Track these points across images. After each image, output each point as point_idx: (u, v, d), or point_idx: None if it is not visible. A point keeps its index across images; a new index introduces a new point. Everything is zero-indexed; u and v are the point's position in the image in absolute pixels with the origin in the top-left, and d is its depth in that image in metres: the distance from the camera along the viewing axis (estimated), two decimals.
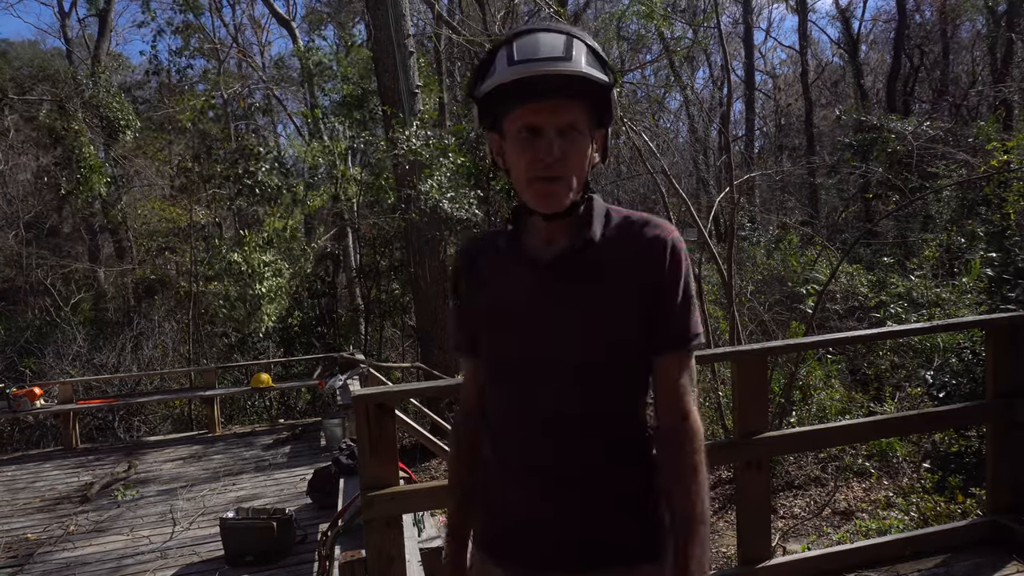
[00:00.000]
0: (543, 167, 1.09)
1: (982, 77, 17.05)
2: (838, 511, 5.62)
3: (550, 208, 1.13)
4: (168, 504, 5.64)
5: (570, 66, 1.04)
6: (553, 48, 1.05)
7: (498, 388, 1.26)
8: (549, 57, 1.04)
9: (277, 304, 9.71)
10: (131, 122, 12.81)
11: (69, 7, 18.89)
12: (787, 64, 24.00)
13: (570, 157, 1.10)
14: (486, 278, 1.25)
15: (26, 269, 14.37)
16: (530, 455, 1.20)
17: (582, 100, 1.09)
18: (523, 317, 1.19)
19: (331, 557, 3.10)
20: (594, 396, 1.18)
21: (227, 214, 13.35)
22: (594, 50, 1.10)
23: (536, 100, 1.07)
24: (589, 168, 1.15)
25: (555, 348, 1.17)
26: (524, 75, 1.05)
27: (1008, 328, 2.79)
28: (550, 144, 1.08)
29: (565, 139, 1.09)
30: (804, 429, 3.07)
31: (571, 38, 1.08)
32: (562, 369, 1.17)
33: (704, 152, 18.53)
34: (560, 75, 1.04)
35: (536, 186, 1.11)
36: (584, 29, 13.41)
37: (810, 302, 7.30)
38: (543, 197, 1.12)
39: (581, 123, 1.10)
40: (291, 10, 18.89)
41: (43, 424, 9.54)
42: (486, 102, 1.14)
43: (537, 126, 1.09)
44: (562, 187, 1.11)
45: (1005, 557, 2.65)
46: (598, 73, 1.06)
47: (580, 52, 1.06)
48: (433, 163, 8.19)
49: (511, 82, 1.06)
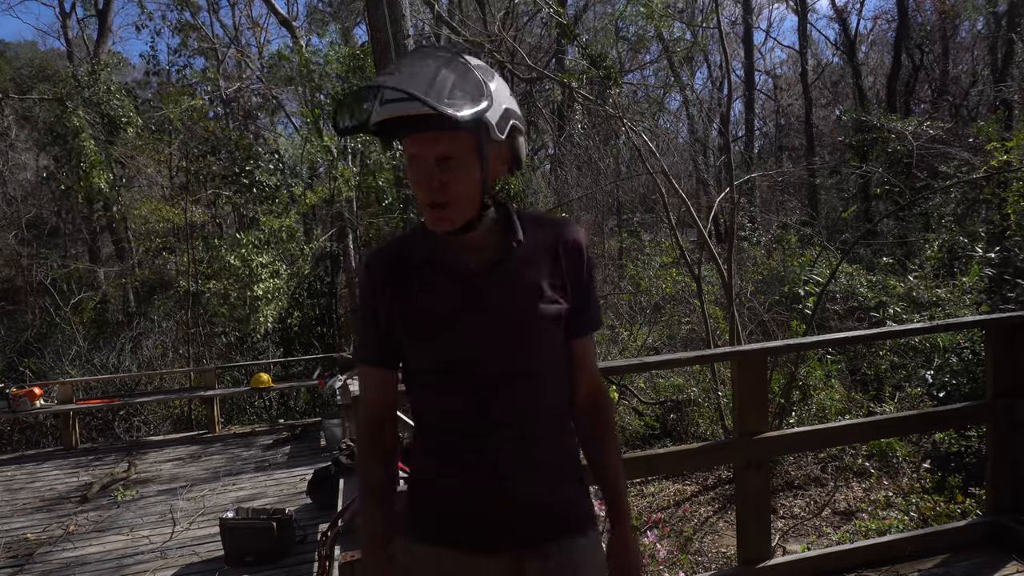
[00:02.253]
0: (428, 194, 1.17)
1: (982, 77, 17.06)
2: (838, 511, 5.62)
3: (441, 228, 1.21)
4: (168, 504, 5.64)
5: (411, 107, 1.07)
6: (411, 85, 1.07)
7: (431, 395, 1.31)
8: (397, 100, 1.09)
9: (276, 305, 9.70)
10: (132, 119, 12.80)
11: (70, 8, 18.91)
12: (787, 64, 24.03)
13: (452, 184, 1.16)
14: (410, 289, 1.28)
15: (26, 269, 14.38)
16: (477, 453, 1.27)
17: (453, 130, 1.12)
18: (463, 326, 1.25)
19: (331, 557, 3.10)
20: (534, 392, 1.28)
21: (227, 214, 13.36)
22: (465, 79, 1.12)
23: (410, 133, 1.16)
24: (485, 184, 1.20)
25: (499, 353, 1.25)
26: (383, 117, 1.12)
27: (1008, 328, 2.79)
28: (430, 173, 1.16)
29: (444, 167, 1.16)
30: (804, 429, 3.07)
31: (435, 75, 1.10)
32: (503, 371, 1.26)
33: (704, 152, 18.52)
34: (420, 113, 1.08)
35: (427, 212, 1.20)
36: (584, 30, 13.34)
37: (810, 302, 7.29)
38: (433, 221, 1.21)
39: (458, 151, 1.15)
40: (291, 10, 18.92)
41: (43, 424, 9.53)
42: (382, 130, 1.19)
43: (416, 155, 1.17)
44: (450, 212, 1.19)
45: (1005, 557, 2.65)
46: (451, 110, 1.06)
47: (441, 89, 1.08)
48: None
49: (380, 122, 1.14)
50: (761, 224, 13.76)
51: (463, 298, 1.25)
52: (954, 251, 8.65)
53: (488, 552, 1.28)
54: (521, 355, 1.26)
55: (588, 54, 7.44)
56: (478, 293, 1.25)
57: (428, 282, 1.27)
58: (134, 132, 12.82)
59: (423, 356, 1.30)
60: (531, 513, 1.28)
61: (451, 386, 1.28)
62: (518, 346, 1.25)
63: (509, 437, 1.26)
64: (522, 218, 1.30)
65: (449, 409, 1.29)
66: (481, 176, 1.18)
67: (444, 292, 1.26)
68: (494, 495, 1.27)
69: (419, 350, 1.30)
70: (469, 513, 1.29)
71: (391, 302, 1.29)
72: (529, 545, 1.28)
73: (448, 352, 1.27)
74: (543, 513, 1.29)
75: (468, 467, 1.28)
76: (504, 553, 1.28)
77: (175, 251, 12.30)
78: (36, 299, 13.81)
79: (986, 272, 7.05)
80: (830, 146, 18.47)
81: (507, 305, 1.25)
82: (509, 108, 1.18)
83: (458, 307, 1.25)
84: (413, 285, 1.28)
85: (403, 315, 1.28)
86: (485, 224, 1.25)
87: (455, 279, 1.26)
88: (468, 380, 1.26)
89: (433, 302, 1.27)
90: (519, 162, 1.28)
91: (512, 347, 1.25)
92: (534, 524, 1.28)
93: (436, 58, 1.14)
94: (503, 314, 1.25)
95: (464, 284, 1.25)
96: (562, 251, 1.29)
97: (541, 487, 1.29)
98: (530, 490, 1.28)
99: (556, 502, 1.31)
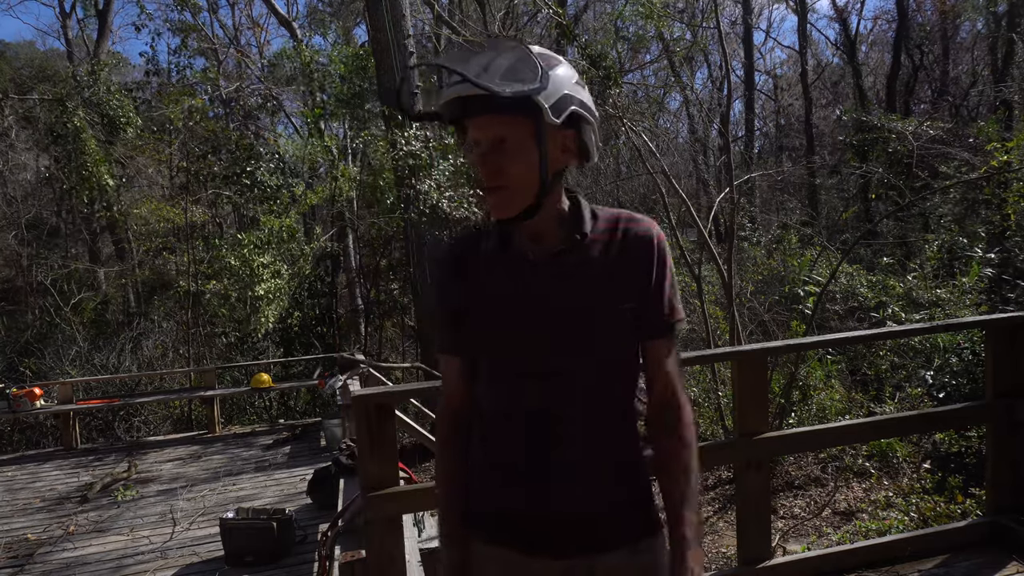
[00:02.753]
0: (484, 179, 1.18)
1: (982, 77, 17.05)
2: (838, 511, 5.63)
3: (499, 215, 1.20)
4: (168, 504, 5.64)
5: (463, 88, 1.09)
6: (468, 70, 1.09)
7: (493, 386, 1.29)
8: (459, 82, 1.10)
9: (276, 305, 9.70)
10: (132, 119, 12.80)
11: (70, 8, 18.91)
12: (787, 64, 24.01)
13: (507, 168, 1.16)
14: (476, 279, 1.29)
15: (26, 269, 14.38)
16: (519, 451, 1.24)
17: (507, 113, 1.13)
18: (518, 316, 1.23)
19: (331, 557, 3.10)
20: (590, 390, 1.23)
21: (227, 214, 13.35)
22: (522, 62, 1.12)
23: (468, 118, 1.17)
24: (545, 171, 1.17)
25: (552, 346, 1.22)
26: (446, 99, 1.14)
27: (1008, 328, 2.79)
28: (484, 158, 1.17)
29: (498, 151, 1.16)
30: (804, 429, 3.07)
31: (492, 59, 1.12)
32: (559, 366, 1.22)
33: (704, 152, 18.51)
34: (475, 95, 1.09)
35: (486, 196, 1.20)
36: (584, 30, 13.35)
37: (810, 302, 7.29)
38: (491, 206, 1.20)
39: (514, 134, 1.15)
40: (291, 10, 18.91)
41: (43, 424, 9.53)
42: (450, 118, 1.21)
43: (475, 139, 1.18)
44: (505, 196, 1.18)
45: (1005, 557, 2.65)
46: (493, 86, 1.07)
47: (496, 70, 1.10)
48: (432, 164, 8.19)
49: (442, 105, 1.16)
50: (761, 224, 13.77)
51: (520, 288, 1.24)
52: (954, 251, 8.65)
53: (528, 553, 1.25)
54: (573, 352, 1.22)
55: (588, 54, 7.44)
56: (535, 284, 1.23)
57: (491, 271, 1.28)
58: (134, 132, 12.82)
59: (481, 345, 1.29)
60: (570, 519, 1.23)
61: (502, 377, 1.27)
62: (571, 342, 1.21)
63: (553, 436, 1.23)
64: (595, 212, 1.28)
65: (498, 401, 1.28)
66: (539, 162, 1.16)
67: (503, 281, 1.26)
68: (532, 495, 1.24)
69: (478, 339, 1.29)
70: (509, 510, 1.27)
71: (460, 291, 1.30)
72: (571, 551, 1.23)
73: (502, 343, 1.25)
74: (583, 519, 1.24)
75: (509, 464, 1.26)
76: (545, 556, 1.24)
77: (175, 251, 12.29)
78: (36, 299, 13.81)
79: (986, 272, 7.05)
80: (830, 146, 18.47)
81: (562, 299, 1.22)
82: (570, 95, 1.15)
83: (513, 297, 1.24)
84: (479, 275, 1.29)
85: (467, 304, 1.29)
86: (549, 213, 1.23)
87: (515, 269, 1.25)
88: (519, 372, 1.24)
89: (492, 291, 1.27)
90: (587, 154, 1.23)
91: (565, 343, 1.22)
92: (574, 529, 1.24)
93: (501, 47, 1.16)
94: (557, 308, 1.22)
95: (523, 275, 1.24)
96: (632, 247, 1.24)
97: (582, 492, 1.23)
98: (568, 494, 1.23)
99: (599, 509, 1.25)
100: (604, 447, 1.25)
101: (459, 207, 8.11)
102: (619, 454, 1.27)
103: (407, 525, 2.94)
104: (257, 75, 16.00)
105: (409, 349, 11.62)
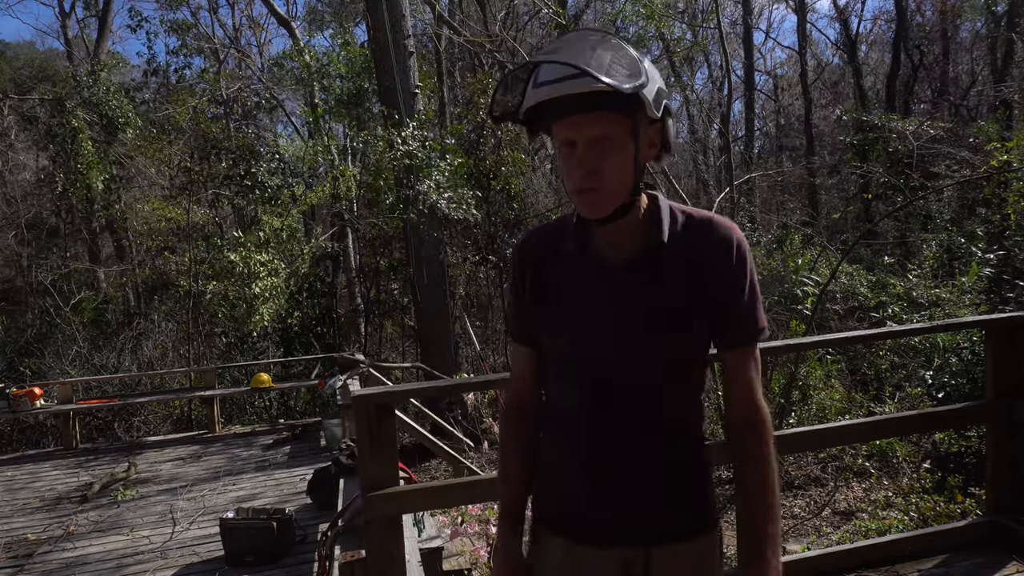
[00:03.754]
0: (580, 180, 1.14)
1: (982, 77, 17.05)
2: (838, 511, 5.63)
3: (594, 216, 1.17)
4: (168, 504, 5.64)
5: (580, 83, 1.05)
6: (566, 68, 1.06)
7: (562, 386, 1.30)
8: (561, 78, 1.06)
9: (273, 303, 9.70)
10: (131, 120, 12.80)
11: (69, 8, 18.91)
12: (787, 64, 24.00)
13: (603, 168, 1.13)
14: (554, 277, 1.28)
15: (26, 269, 14.37)
16: (591, 451, 1.26)
17: (611, 109, 1.10)
18: (593, 319, 1.23)
19: (331, 557, 3.10)
20: (657, 397, 1.23)
21: (227, 214, 13.35)
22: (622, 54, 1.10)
23: (562, 118, 1.12)
24: (639, 168, 1.17)
25: (622, 349, 1.21)
26: (542, 99, 1.09)
27: (1008, 328, 2.78)
28: (581, 158, 1.13)
29: (596, 150, 1.12)
30: (804, 429, 3.07)
31: (592, 51, 1.08)
32: (629, 371, 1.22)
33: (704, 152, 18.52)
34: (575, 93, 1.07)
35: (577, 198, 1.17)
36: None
37: (809, 302, 7.29)
38: (585, 208, 1.17)
39: (614, 132, 1.12)
40: (291, 10, 18.92)
41: (43, 424, 9.53)
42: (528, 118, 1.19)
43: (570, 140, 1.14)
44: (600, 196, 1.15)
45: (1005, 557, 2.64)
46: (615, 81, 1.04)
47: (601, 63, 1.06)
48: (430, 164, 8.19)
49: (535, 105, 1.11)
50: (761, 224, 13.77)
51: (596, 293, 1.23)
52: (953, 251, 8.65)
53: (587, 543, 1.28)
54: (639, 361, 1.21)
55: None
56: (611, 291, 1.22)
57: (566, 271, 1.27)
58: (133, 133, 12.83)
59: (550, 344, 1.30)
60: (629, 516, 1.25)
61: (570, 379, 1.27)
62: (639, 351, 1.21)
63: (614, 442, 1.24)
64: (674, 212, 1.25)
65: (564, 401, 1.30)
66: (633, 158, 1.15)
67: (578, 284, 1.25)
68: (594, 495, 1.26)
69: (548, 338, 1.29)
70: (572, 508, 1.29)
71: (532, 285, 1.30)
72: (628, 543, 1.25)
73: (571, 346, 1.26)
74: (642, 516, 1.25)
75: (573, 464, 1.28)
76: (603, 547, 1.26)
77: (176, 251, 12.30)
78: (36, 299, 13.81)
79: (985, 272, 7.05)
80: (830, 146, 18.47)
81: (637, 307, 1.20)
82: (662, 88, 1.14)
83: (588, 301, 1.24)
84: (553, 273, 1.28)
85: (539, 300, 1.29)
86: (635, 214, 1.21)
87: (592, 273, 1.24)
88: (585, 377, 1.24)
89: (567, 292, 1.26)
90: (668, 146, 1.22)
91: (633, 352, 1.21)
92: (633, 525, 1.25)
93: (591, 38, 1.12)
94: (631, 316, 1.20)
95: (600, 280, 1.23)
96: (712, 253, 1.21)
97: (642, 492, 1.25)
98: (629, 494, 1.24)
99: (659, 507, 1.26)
100: (666, 450, 1.25)
101: (458, 208, 8.11)
102: (681, 456, 1.27)
103: (407, 525, 2.93)
104: (257, 75, 16.00)
105: (409, 349, 11.62)
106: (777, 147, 21.41)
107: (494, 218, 9.24)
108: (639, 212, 1.23)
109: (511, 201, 9.51)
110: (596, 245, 1.25)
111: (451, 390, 2.37)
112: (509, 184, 9.27)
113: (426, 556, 3.24)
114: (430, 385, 2.72)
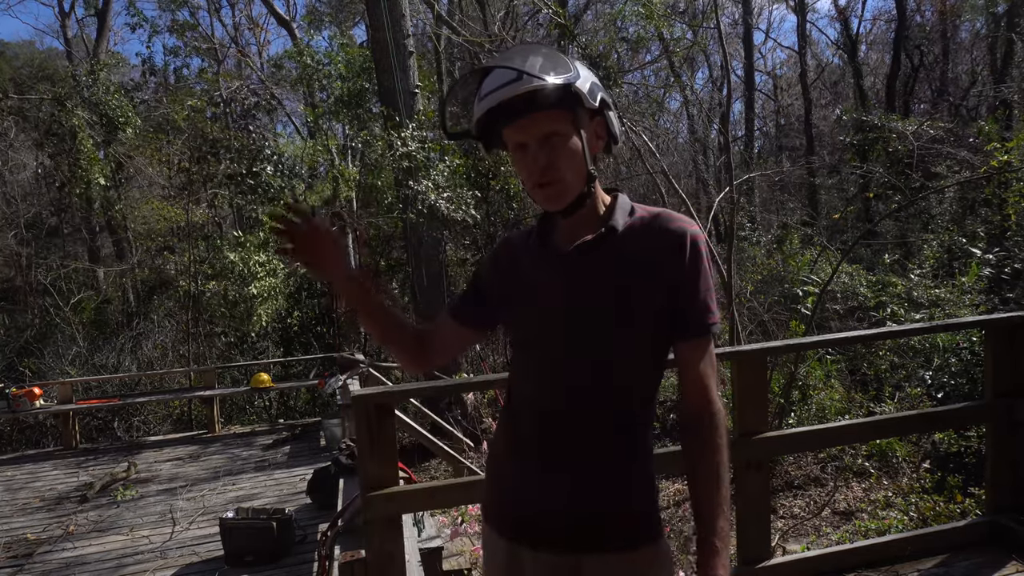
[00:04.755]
0: (537, 176, 1.21)
1: (982, 77, 17.05)
2: (838, 511, 5.63)
3: (555, 207, 1.25)
4: (168, 504, 5.64)
5: (520, 85, 1.13)
6: (506, 74, 1.14)
7: (519, 381, 1.35)
8: (501, 85, 1.14)
9: (271, 303, 9.70)
10: (131, 119, 12.80)
11: (69, 7, 18.91)
12: (787, 64, 24.00)
13: (557, 161, 1.20)
14: (517, 268, 1.35)
15: (26, 269, 14.36)
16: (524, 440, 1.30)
17: (553, 107, 1.17)
18: (540, 302, 1.29)
19: (331, 557, 3.10)
20: (600, 382, 1.24)
21: (227, 213, 13.35)
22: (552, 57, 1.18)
23: (511, 121, 1.19)
24: (589, 158, 1.24)
25: (569, 341, 1.25)
26: (490, 106, 1.17)
27: (1008, 328, 2.79)
28: (535, 156, 1.20)
29: (547, 146, 1.20)
30: (804, 429, 3.07)
31: (525, 58, 1.16)
32: (575, 362, 1.25)
33: (704, 152, 18.52)
34: (517, 96, 1.14)
35: (536, 193, 1.24)
36: (584, 30, 13.30)
37: (809, 302, 7.29)
38: (546, 201, 1.24)
39: (560, 127, 1.19)
40: (291, 10, 18.91)
41: (43, 424, 9.53)
42: (480, 133, 1.26)
43: (521, 143, 1.21)
44: (558, 188, 1.22)
45: (1005, 557, 2.65)
46: (549, 77, 1.13)
47: (533, 66, 1.14)
48: (429, 165, 8.19)
49: (485, 114, 1.18)
50: (761, 224, 13.77)
51: (545, 277, 1.29)
52: (953, 251, 8.65)
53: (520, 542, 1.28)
54: (586, 346, 1.23)
55: (588, 54, 7.44)
56: (559, 275, 1.27)
57: (528, 260, 1.34)
58: (132, 132, 12.83)
59: (514, 335, 1.37)
60: (569, 517, 1.24)
61: (522, 365, 1.34)
62: (585, 336, 1.23)
63: (555, 429, 1.25)
64: (633, 209, 1.30)
65: (520, 395, 1.34)
66: (583, 150, 1.22)
67: (533, 270, 1.32)
68: (540, 490, 1.26)
69: (508, 324, 1.38)
70: (507, 500, 1.32)
71: (504, 277, 1.37)
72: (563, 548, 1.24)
73: (522, 328, 1.33)
74: (583, 519, 1.24)
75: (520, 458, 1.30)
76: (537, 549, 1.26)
77: (175, 251, 12.29)
78: (36, 299, 13.80)
79: (985, 272, 7.05)
80: (830, 146, 18.46)
81: (582, 291, 1.24)
82: (595, 82, 1.22)
83: (539, 285, 1.30)
84: (519, 266, 1.35)
85: (508, 291, 1.36)
86: (594, 207, 1.28)
87: (545, 259, 1.30)
88: (535, 360, 1.30)
89: (525, 279, 1.33)
90: (614, 137, 1.29)
91: (578, 335, 1.23)
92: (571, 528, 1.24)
93: (524, 49, 1.20)
94: (576, 299, 1.24)
95: (550, 265, 1.29)
96: (667, 247, 1.22)
97: (585, 491, 1.24)
98: (571, 492, 1.24)
99: (600, 509, 1.24)
100: (612, 448, 1.25)
101: (457, 208, 8.11)
102: (627, 456, 1.26)
103: (407, 525, 2.93)
104: (258, 75, 16.00)
105: None
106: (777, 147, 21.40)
107: (493, 218, 9.25)
108: (599, 206, 1.29)
109: (510, 201, 9.51)
110: (556, 239, 1.31)
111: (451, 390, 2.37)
112: (508, 184, 9.27)
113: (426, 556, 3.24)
114: (430, 385, 2.72)
